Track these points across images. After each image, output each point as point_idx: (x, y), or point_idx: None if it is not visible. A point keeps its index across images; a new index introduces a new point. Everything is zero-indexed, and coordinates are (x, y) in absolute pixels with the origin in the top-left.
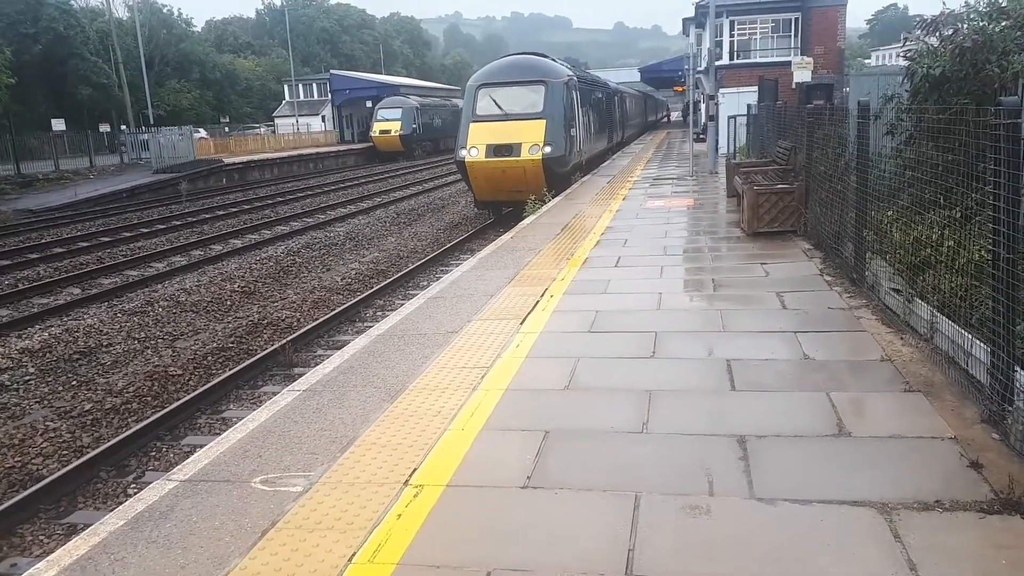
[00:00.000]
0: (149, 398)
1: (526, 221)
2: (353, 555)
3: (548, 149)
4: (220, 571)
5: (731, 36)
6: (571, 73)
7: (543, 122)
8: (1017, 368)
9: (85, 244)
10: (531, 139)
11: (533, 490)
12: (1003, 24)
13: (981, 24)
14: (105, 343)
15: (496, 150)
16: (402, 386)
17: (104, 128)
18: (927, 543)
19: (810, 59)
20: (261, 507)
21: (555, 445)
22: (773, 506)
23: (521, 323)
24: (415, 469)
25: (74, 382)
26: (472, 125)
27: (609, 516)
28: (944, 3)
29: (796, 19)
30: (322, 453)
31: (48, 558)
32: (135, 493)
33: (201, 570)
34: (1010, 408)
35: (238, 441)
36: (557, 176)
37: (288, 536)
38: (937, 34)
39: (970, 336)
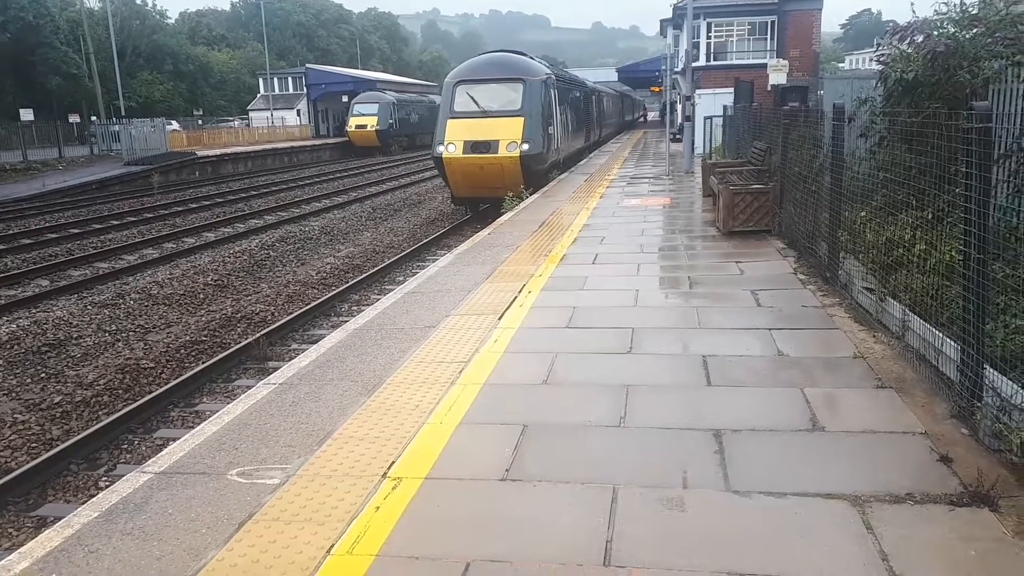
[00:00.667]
0: (120, 391)
1: (504, 218)
2: (331, 547)
3: (526, 146)
4: (197, 563)
5: (708, 37)
6: (549, 71)
7: (521, 119)
8: (986, 365)
9: (54, 236)
10: (509, 136)
11: (512, 483)
12: (974, 31)
13: (952, 31)
14: (75, 335)
15: (474, 146)
16: (380, 380)
17: (74, 119)
18: (899, 535)
19: (786, 62)
20: (238, 499)
21: (533, 439)
22: (748, 498)
23: (499, 318)
24: (393, 462)
25: (43, 374)
26: (450, 121)
27: (587, 508)
28: (914, 11)
29: (772, 22)
30: (299, 446)
31: (20, 550)
32: (106, 486)
33: (177, 562)
34: (979, 404)
35: (213, 434)
36: (534, 173)
37: (265, 528)
38: (909, 40)
39: (940, 334)
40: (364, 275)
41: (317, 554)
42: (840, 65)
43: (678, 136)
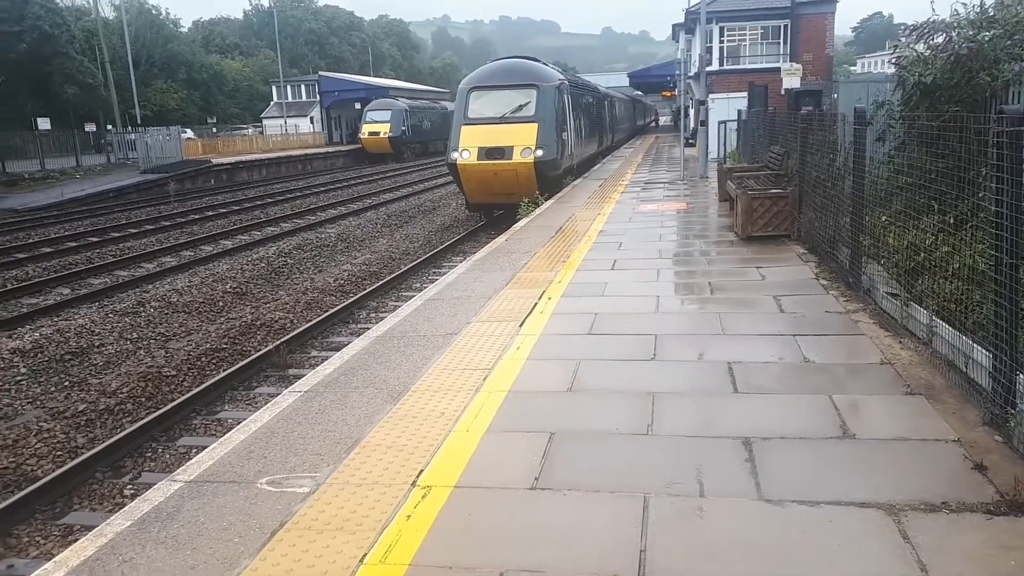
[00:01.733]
0: (143, 399)
1: (520, 224)
2: (364, 556)
3: (540, 152)
4: (231, 572)
5: (721, 42)
6: (562, 77)
7: (535, 125)
8: (1020, 373)
9: (73, 244)
10: (523, 142)
11: (541, 491)
12: (993, 33)
13: (972, 32)
14: (97, 343)
15: (488, 153)
16: (404, 388)
17: (90, 128)
18: (936, 544)
19: (799, 66)
20: (268, 508)
21: (561, 447)
22: (782, 507)
23: (520, 325)
24: (422, 470)
25: (67, 383)
26: (464, 128)
27: (619, 517)
28: (934, 9)
29: (785, 26)
30: (327, 454)
31: (55, 559)
32: (132, 494)
33: (211, 571)
34: (1013, 411)
35: (241, 442)
36: (549, 179)
37: (298, 537)
38: (924, 42)
39: (970, 341)
40: (381, 282)
41: (350, 563)
42: (852, 68)
43: (692, 141)
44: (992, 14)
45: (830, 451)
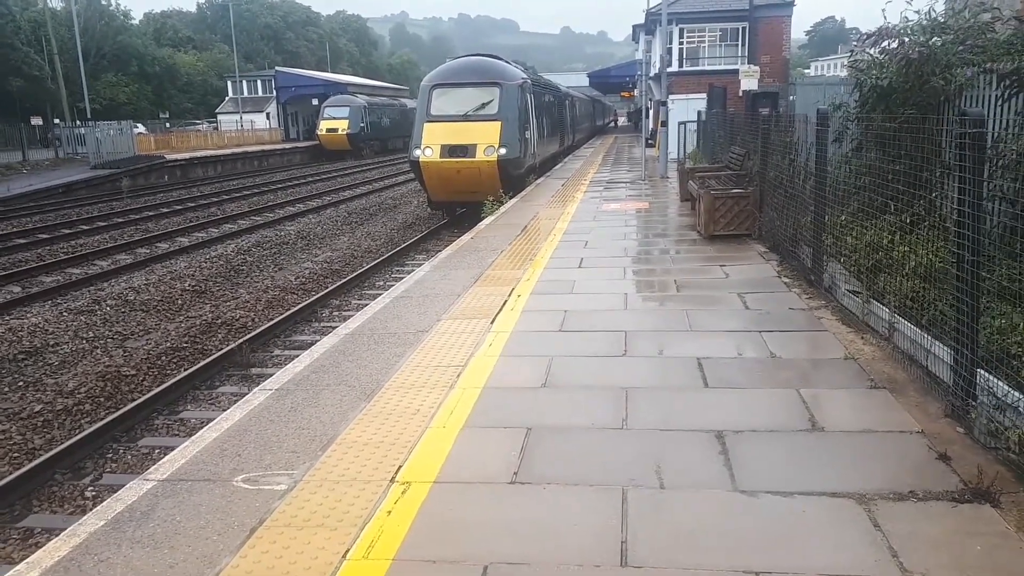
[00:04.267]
0: (102, 399)
1: (485, 222)
2: (347, 551)
3: (503, 151)
4: (211, 570)
5: (680, 43)
6: (525, 76)
7: (498, 123)
8: (980, 367)
9: (23, 241)
10: (486, 140)
11: (521, 485)
12: (944, 38)
13: (923, 38)
14: (52, 343)
15: (451, 151)
16: (377, 385)
17: (36, 121)
18: (906, 531)
19: (757, 68)
20: (246, 505)
21: (538, 441)
22: (757, 498)
23: (491, 322)
24: (400, 466)
25: (20, 383)
26: (427, 125)
27: (599, 510)
28: (885, 16)
29: (744, 28)
30: (303, 451)
31: (28, 560)
32: (93, 495)
33: (192, 569)
34: (974, 403)
35: (214, 440)
36: (512, 178)
37: (278, 534)
38: (878, 46)
39: (930, 336)
40: (344, 280)
41: (333, 559)
42: (806, 71)
43: (651, 141)
44: (943, 21)
45: (800, 443)
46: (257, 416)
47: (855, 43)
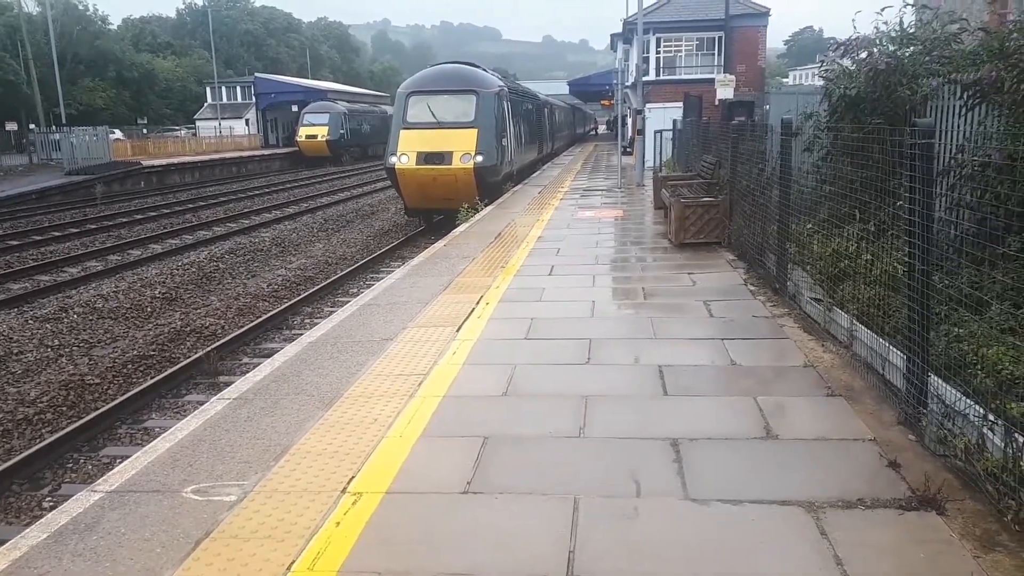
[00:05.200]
0: (64, 408)
1: (459, 229)
2: (292, 563)
3: (480, 158)
4: None
5: (657, 52)
6: (502, 84)
7: (475, 131)
8: (931, 374)
9: None
10: (463, 148)
11: (473, 495)
12: (911, 49)
13: (892, 48)
14: (15, 351)
15: (427, 158)
16: (337, 394)
17: (11, 127)
18: (851, 539)
19: (732, 77)
20: (194, 517)
21: (494, 451)
22: (707, 506)
23: (457, 330)
24: (353, 477)
25: None
26: (403, 132)
27: (549, 519)
28: (855, 28)
29: (719, 38)
30: (256, 462)
31: None
32: (51, 506)
33: None
34: (924, 411)
35: (167, 450)
36: (488, 185)
37: (223, 546)
38: (851, 56)
39: (887, 344)
40: (317, 287)
41: (277, 571)
42: (784, 80)
43: (629, 149)
44: (912, 32)
45: (754, 451)
46: (213, 425)
47: (828, 52)
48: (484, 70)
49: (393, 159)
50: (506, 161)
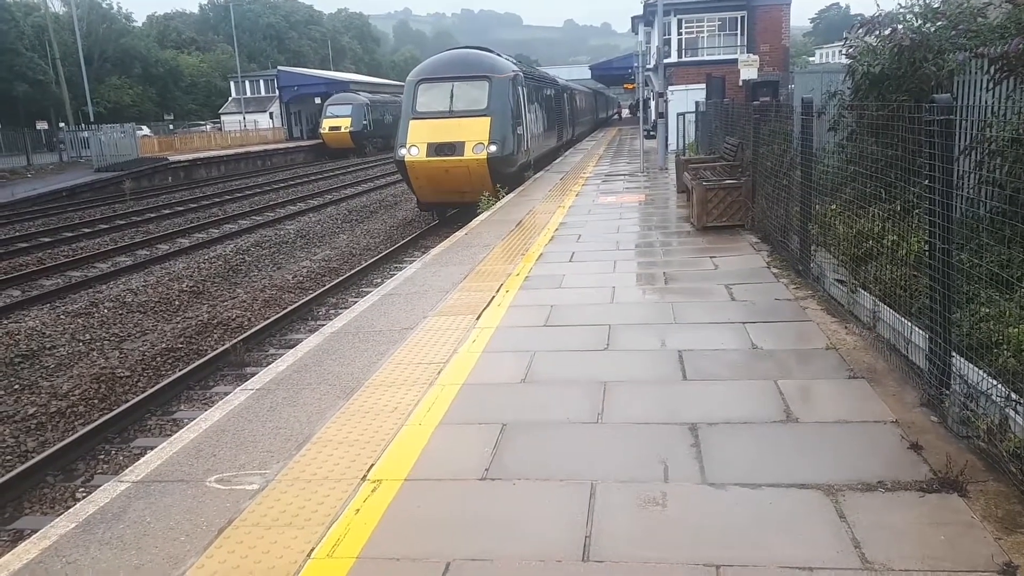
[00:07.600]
0: (96, 400)
1: (479, 218)
2: (312, 550)
3: (493, 148)
4: (176, 571)
5: (679, 34)
6: (516, 69)
7: (488, 119)
8: (953, 354)
9: (24, 245)
10: (475, 137)
11: (491, 482)
12: (938, 24)
13: (917, 24)
14: (48, 346)
15: (438, 149)
16: (357, 383)
17: (41, 126)
18: (871, 522)
19: (756, 57)
20: (217, 506)
21: (512, 437)
22: (725, 491)
23: (477, 318)
24: (372, 464)
25: (16, 385)
26: (412, 122)
27: (566, 505)
28: (878, 4)
29: (742, 17)
30: (278, 451)
31: None
32: (84, 497)
33: (157, 570)
34: (947, 392)
35: (191, 441)
36: (503, 176)
37: (245, 533)
38: (876, 33)
39: (910, 324)
40: (341, 278)
41: (297, 558)
42: (810, 59)
43: (652, 133)
44: (938, 6)
45: (773, 435)
46: (236, 416)
47: (851, 29)
48: (498, 55)
49: (402, 151)
50: (522, 150)
